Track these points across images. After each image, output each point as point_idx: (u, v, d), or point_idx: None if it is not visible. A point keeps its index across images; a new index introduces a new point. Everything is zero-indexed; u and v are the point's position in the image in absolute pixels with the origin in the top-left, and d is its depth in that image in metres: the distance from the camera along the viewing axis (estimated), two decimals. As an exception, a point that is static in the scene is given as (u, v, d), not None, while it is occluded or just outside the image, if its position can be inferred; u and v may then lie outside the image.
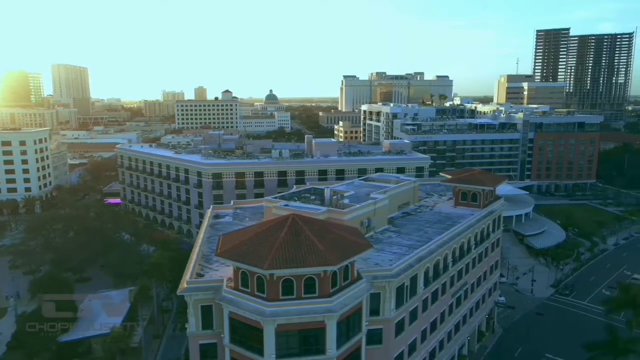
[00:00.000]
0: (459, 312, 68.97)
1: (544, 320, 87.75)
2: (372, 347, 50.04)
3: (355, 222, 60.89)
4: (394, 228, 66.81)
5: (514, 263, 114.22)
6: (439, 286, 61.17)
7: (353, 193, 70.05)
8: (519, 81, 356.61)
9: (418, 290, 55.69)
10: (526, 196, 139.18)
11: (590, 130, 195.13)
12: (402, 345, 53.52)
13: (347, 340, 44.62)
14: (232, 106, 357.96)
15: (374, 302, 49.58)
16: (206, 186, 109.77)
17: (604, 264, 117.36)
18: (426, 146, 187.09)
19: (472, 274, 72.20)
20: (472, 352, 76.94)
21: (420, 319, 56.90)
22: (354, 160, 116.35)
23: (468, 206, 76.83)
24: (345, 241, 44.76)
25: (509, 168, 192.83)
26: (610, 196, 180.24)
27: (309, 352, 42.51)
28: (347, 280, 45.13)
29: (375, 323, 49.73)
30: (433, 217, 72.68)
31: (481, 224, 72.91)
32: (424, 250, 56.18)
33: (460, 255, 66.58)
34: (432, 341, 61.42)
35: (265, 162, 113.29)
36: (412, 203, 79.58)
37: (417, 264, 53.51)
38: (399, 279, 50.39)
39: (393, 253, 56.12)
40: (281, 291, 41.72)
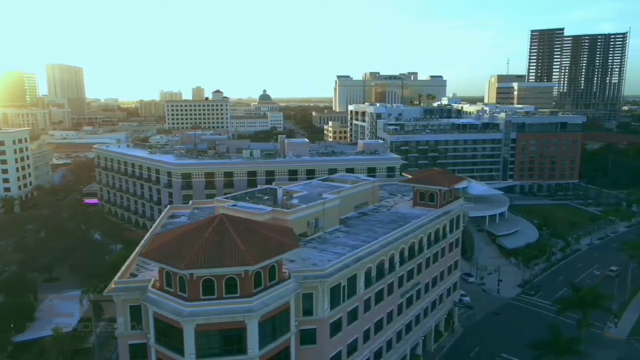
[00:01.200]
0: (410, 312, 69.02)
1: (505, 320, 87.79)
2: (306, 347, 50.19)
3: (301, 222, 61.13)
4: (345, 228, 66.88)
5: (486, 263, 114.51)
6: (384, 286, 61.23)
7: (306, 193, 70.20)
8: (509, 81, 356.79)
9: (358, 291, 55.75)
10: (501, 196, 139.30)
11: (572, 131, 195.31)
12: (340, 346, 53.55)
13: (272, 340, 44.74)
14: (223, 106, 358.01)
15: (307, 302, 49.68)
16: (176, 186, 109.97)
17: (575, 264, 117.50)
18: (408, 146, 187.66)
19: (426, 274, 72.26)
20: (428, 352, 77.11)
21: (361, 319, 56.94)
22: (324, 160, 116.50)
23: (426, 206, 76.93)
24: (271, 241, 44.87)
25: (492, 168, 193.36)
26: (591, 196, 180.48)
27: (231, 352, 42.63)
28: (274, 280, 45.24)
29: (308, 323, 49.86)
30: (388, 217, 72.74)
31: (435, 224, 72.99)
32: (364, 251, 56.25)
33: (410, 255, 66.64)
34: (378, 341, 61.49)
35: (235, 162, 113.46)
36: (371, 203, 79.64)
37: (354, 264, 53.55)
38: (333, 279, 50.45)
39: (334, 253, 56.16)
40: (202, 291, 41.82)
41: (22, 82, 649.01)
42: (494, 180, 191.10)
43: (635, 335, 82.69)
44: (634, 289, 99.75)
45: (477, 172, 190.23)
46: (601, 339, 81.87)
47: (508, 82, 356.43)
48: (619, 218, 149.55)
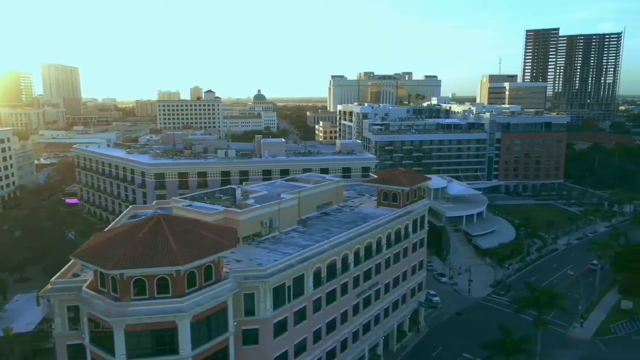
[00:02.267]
0: (368, 312, 69.02)
1: (471, 321, 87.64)
2: (249, 347, 50.25)
3: (254, 222, 61.15)
4: (302, 228, 66.83)
5: (461, 263, 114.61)
6: (337, 286, 61.24)
7: (265, 193, 70.31)
8: (501, 81, 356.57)
9: (306, 291, 55.76)
10: (480, 196, 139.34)
11: (557, 131, 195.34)
12: (286, 346, 53.54)
13: (208, 340, 44.71)
14: (214, 106, 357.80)
15: (249, 302, 49.73)
16: (149, 186, 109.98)
17: (550, 264, 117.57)
18: (393, 146, 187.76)
19: (386, 274, 72.29)
20: (390, 352, 77.15)
21: (311, 320, 56.95)
22: (299, 160, 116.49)
23: (389, 206, 76.98)
24: (206, 241, 44.83)
25: (477, 168, 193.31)
26: (575, 196, 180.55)
27: (162, 352, 42.57)
28: (210, 281, 45.21)
29: (250, 323, 49.92)
30: (348, 217, 72.71)
31: (395, 224, 73.03)
32: (312, 251, 56.24)
33: (367, 255, 66.69)
34: (331, 341, 61.46)
35: (208, 162, 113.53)
36: (335, 203, 79.64)
37: (299, 264, 53.54)
38: (275, 280, 50.46)
39: (283, 253, 56.11)
40: (133, 291, 41.78)
41: (18, 82, 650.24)
42: (478, 180, 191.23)
43: (600, 335, 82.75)
44: (604, 289, 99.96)
45: (462, 172, 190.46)
46: (565, 338, 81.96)
47: (499, 82, 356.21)
48: (599, 218, 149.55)
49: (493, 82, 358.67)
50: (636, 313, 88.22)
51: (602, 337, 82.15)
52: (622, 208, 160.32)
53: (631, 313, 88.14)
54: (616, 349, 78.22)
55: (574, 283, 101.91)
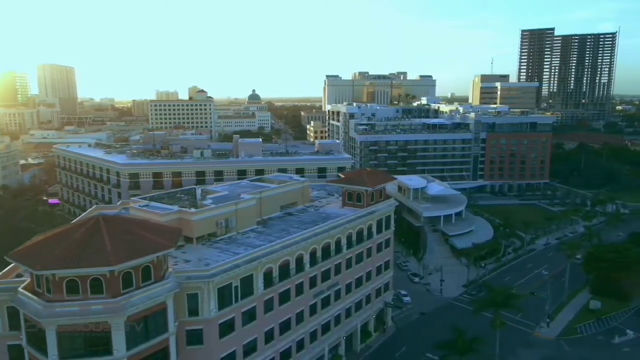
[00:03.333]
0: (328, 312, 69.09)
1: (439, 320, 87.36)
2: (193, 348, 50.39)
3: (209, 223, 61.17)
4: (261, 229, 66.87)
5: (437, 263, 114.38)
6: (291, 286, 61.33)
7: (225, 194, 70.37)
8: (493, 81, 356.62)
9: (256, 291, 55.81)
10: (460, 196, 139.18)
11: (542, 131, 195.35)
12: (233, 346, 53.54)
13: (145, 340, 44.75)
14: (206, 106, 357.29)
15: (193, 302, 49.79)
16: (124, 186, 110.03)
17: (526, 263, 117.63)
18: (377, 146, 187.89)
19: (348, 274, 72.37)
20: (354, 352, 77.21)
21: (261, 320, 57.00)
22: (274, 160, 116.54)
23: (353, 206, 77.08)
24: (144, 242, 44.83)
25: (462, 168, 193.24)
26: (559, 196, 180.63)
27: (96, 353, 42.57)
28: (149, 281, 45.23)
29: (194, 323, 50.02)
30: (310, 218, 72.76)
31: (357, 224, 73.08)
32: (262, 251, 56.27)
33: (324, 256, 66.75)
34: (285, 341, 61.50)
35: (183, 162, 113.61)
36: (301, 203, 79.75)
37: (246, 264, 53.56)
38: (220, 280, 50.53)
39: (234, 253, 56.12)
40: (66, 292, 41.83)
41: (14, 81, 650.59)
42: (464, 180, 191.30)
43: (565, 335, 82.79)
44: (577, 289, 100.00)
45: (448, 172, 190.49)
46: (530, 338, 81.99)
47: (491, 82, 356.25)
48: (580, 218, 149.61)
49: (485, 82, 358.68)
50: (604, 313, 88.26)
51: (568, 337, 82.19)
52: (605, 208, 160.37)
53: (599, 313, 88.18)
54: (580, 348, 78.29)
55: (546, 283, 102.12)
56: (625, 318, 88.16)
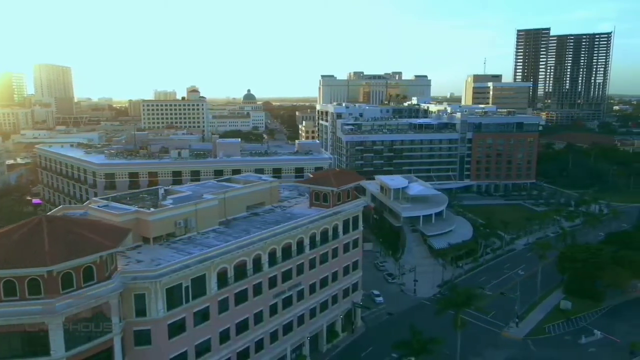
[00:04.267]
0: (290, 313, 69.05)
1: (409, 320, 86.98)
2: (141, 348, 50.41)
3: (167, 223, 61.05)
4: (222, 229, 66.76)
5: (415, 263, 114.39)
6: (248, 286, 61.33)
7: (189, 194, 70.27)
8: (485, 81, 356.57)
9: (209, 291, 55.80)
10: (441, 196, 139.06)
11: (529, 131, 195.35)
12: (185, 346, 53.50)
13: (86, 341, 44.82)
14: (199, 106, 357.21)
15: (140, 302, 49.78)
16: (100, 186, 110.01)
17: (504, 264, 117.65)
18: (363, 146, 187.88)
19: (311, 274, 72.35)
20: (320, 352, 77.23)
21: (215, 320, 56.97)
22: (251, 160, 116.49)
23: (320, 206, 77.06)
24: (86, 242, 44.81)
25: (449, 168, 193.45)
26: (544, 196, 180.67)
27: (34, 353, 42.67)
28: (92, 281, 45.24)
29: (142, 324, 50.02)
30: (276, 218, 72.64)
31: (321, 224, 73.07)
32: (215, 251, 56.26)
33: (285, 256, 66.77)
34: (242, 342, 61.44)
35: (160, 163, 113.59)
36: (269, 203, 79.65)
37: (197, 264, 53.55)
38: (168, 280, 50.53)
39: (189, 254, 56.08)
40: (3, 293, 41.84)
41: (10, 82, 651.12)
42: (450, 180, 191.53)
43: (533, 335, 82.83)
44: (549, 289, 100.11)
45: (434, 172, 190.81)
46: (498, 338, 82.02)
47: (484, 82, 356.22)
48: (563, 217, 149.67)
49: (477, 82, 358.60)
50: (574, 313, 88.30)
51: (535, 337, 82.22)
52: (589, 208, 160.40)
53: (569, 313, 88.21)
54: (546, 348, 78.34)
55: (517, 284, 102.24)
56: (595, 318, 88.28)
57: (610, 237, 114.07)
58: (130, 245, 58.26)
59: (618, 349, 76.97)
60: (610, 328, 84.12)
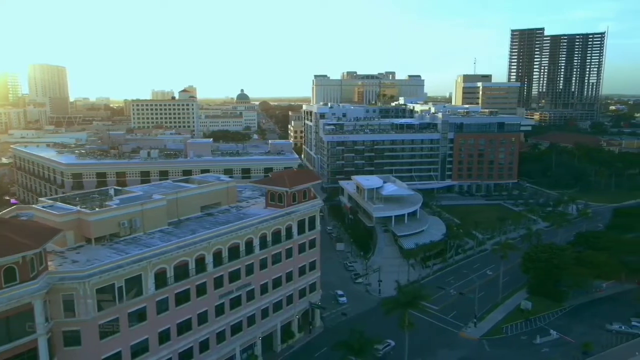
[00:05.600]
0: (238, 313, 69.11)
1: (370, 321, 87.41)
2: (71, 348, 50.43)
3: (109, 223, 60.91)
4: (170, 229, 66.69)
5: (384, 263, 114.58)
6: (190, 287, 61.35)
7: (139, 194, 70.11)
8: (475, 81, 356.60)
9: (146, 291, 55.82)
10: (415, 196, 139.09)
11: (510, 131, 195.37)
12: (118, 346, 53.43)
13: (7, 341, 44.81)
14: (189, 106, 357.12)
15: (69, 303, 49.80)
16: (67, 186, 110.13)
17: (473, 264, 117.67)
18: (344, 146, 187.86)
19: (262, 275, 72.39)
20: (274, 352, 77.26)
21: (153, 320, 56.98)
22: (220, 160, 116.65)
23: (275, 206, 77.14)
24: (8, 243, 44.78)
25: (430, 168, 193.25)
26: (525, 196, 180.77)
27: (-49, 353, 42.68)
28: (14, 282, 45.23)
29: (71, 324, 50.05)
30: (228, 218, 72.61)
31: (273, 224, 73.11)
32: (151, 251, 56.26)
33: (232, 256, 66.82)
34: (185, 342, 61.45)
35: (128, 163, 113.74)
36: (226, 203, 79.65)
37: (131, 264, 53.55)
38: (98, 280, 50.54)
39: (127, 254, 56.04)
40: None
41: (5, 81, 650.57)
42: (432, 180, 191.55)
43: (490, 335, 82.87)
44: (514, 289, 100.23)
45: (416, 172, 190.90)
46: (455, 338, 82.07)
47: (473, 81, 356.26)
48: (540, 217, 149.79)
49: (467, 82, 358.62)
50: (533, 313, 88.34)
51: (492, 337, 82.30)
52: (566, 208, 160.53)
53: (528, 313, 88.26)
54: (500, 348, 78.44)
55: (488, 283, 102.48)
56: (555, 318, 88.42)
57: (579, 238, 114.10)
58: (72, 245, 58.49)
59: (571, 349, 77.08)
60: (568, 328, 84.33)
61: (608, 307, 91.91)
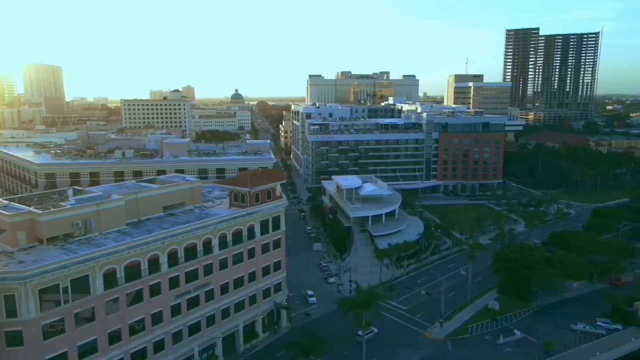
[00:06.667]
0: (196, 313, 69.08)
1: (337, 321, 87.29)
2: (13, 349, 50.51)
3: (62, 223, 60.75)
4: (127, 229, 66.60)
5: (360, 263, 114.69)
6: (143, 287, 61.31)
7: (98, 194, 70.03)
8: (467, 81, 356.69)
9: (93, 292, 55.77)
10: (394, 196, 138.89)
11: (495, 131, 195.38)
12: (64, 347, 53.40)
13: None
14: (181, 106, 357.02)
15: (10, 303, 49.82)
16: (41, 186, 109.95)
17: (448, 264, 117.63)
18: (328, 146, 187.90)
19: (222, 275, 72.39)
20: (236, 352, 77.22)
21: (102, 320, 56.92)
22: (195, 160, 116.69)
23: (239, 207, 77.14)
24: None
25: (415, 168, 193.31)
26: (508, 196, 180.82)
27: None
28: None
29: (13, 325, 50.09)
30: (189, 218, 72.53)
31: (233, 224, 73.09)
32: (99, 252, 56.20)
33: (189, 256, 66.79)
34: (138, 342, 61.42)
35: (102, 163, 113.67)
36: (191, 204, 79.55)
37: (77, 265, 53.48)
38: (40, 281, 50.53)
39: (77, 254, 55.97)
40: None
41: (0, 82, 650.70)
42: (416, 180, 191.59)
43: (455, 335, 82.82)
44: (484, 289, 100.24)
45: (400, 172, 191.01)
46: (420, 338, 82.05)
47: (465, 81, 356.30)
48: (521, 217, 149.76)
49: (459, 82, 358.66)
50: (500, 313, 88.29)
51: (456, 337, 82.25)
52: (549, 208, 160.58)
53: (495, 313, 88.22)
54: (462, 348, 78.42)
55: (458, 284, 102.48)
56: (521, 319, 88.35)
57: (553, 238, 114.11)
58: (24, 246, 58.41)
59: (533, 349, 77.05)
60: (534, 328, 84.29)
61: (577, 307, 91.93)
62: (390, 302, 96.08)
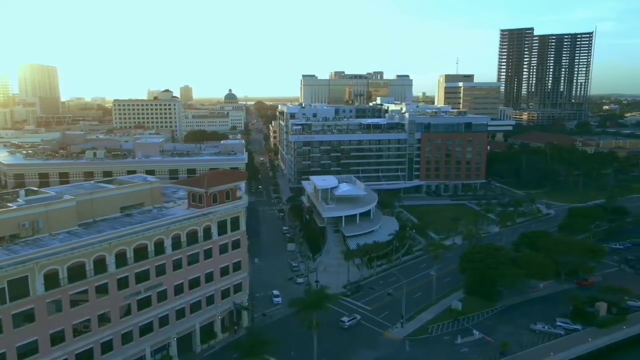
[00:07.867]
0: (148, 313, 69.01)
1: (296, 321, 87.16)
2: (-53, 349, 50.31)
3: (8, 224, 60.61)
4: (77, 230, 66.51)
5: (331, 263, 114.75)
6: (89, 287, 61.22)
7: (52, 194, 69.93)
8: (457, 81, 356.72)
9: (33, 293, 55.69)
10: (369, 196, 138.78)
11: (478, 131, 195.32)
12: (2, 347, 53.34)
13: None
14: (172, 106, 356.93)
15: (-58, 304, 49.72)
16: (10, 186, 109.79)
17: (420, 264, 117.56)
18: (310, 146, 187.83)
19: (176, 275, 72.32)
20: (193, 352, 77.16)
21: (44, 321, 56.85)
22: (166, 161, 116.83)
23: (197, 207, 77.14)
24: None
25: (397, 168, 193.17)
26: (488, 196, 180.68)
27: None
28: None
29: (-55, 325, 49.93)
30: (144, 219, 72.46)
31: (187, 225, 73.04)
32: (39, 253, 56.11)
33: (139, 257, 66.73)
34: (83, 342, 61.36)
35: (73, 163, 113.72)
36: (150, 204, 79.44)
37: (13, 266, 53.41)
38: (-26, 282, 50.44)
39: (17, 254, 55.90)
40: None
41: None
42: (399, 180, 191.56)
43: (415, 335, 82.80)
44: (451, 290, 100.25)
45: (383, 172, 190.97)
46: (379, 339, 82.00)
47: (455, 81, 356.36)
48: (497, 217, 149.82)
49: (449, 82, 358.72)
50: (463, 313, 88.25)
51: (416, 337, 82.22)
52: (529, 208, 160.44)
53: (457, 314, 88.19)
54: (420, 349, 78.40)
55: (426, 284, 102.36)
56: (483, 319, 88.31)
57: (522, 238, 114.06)
58: (-32, 246, 58.28)
59: (490, 349, 77.03)
60: (495, 328, 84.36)
61: (540, 307, 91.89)
62: (355, 302, 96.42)
